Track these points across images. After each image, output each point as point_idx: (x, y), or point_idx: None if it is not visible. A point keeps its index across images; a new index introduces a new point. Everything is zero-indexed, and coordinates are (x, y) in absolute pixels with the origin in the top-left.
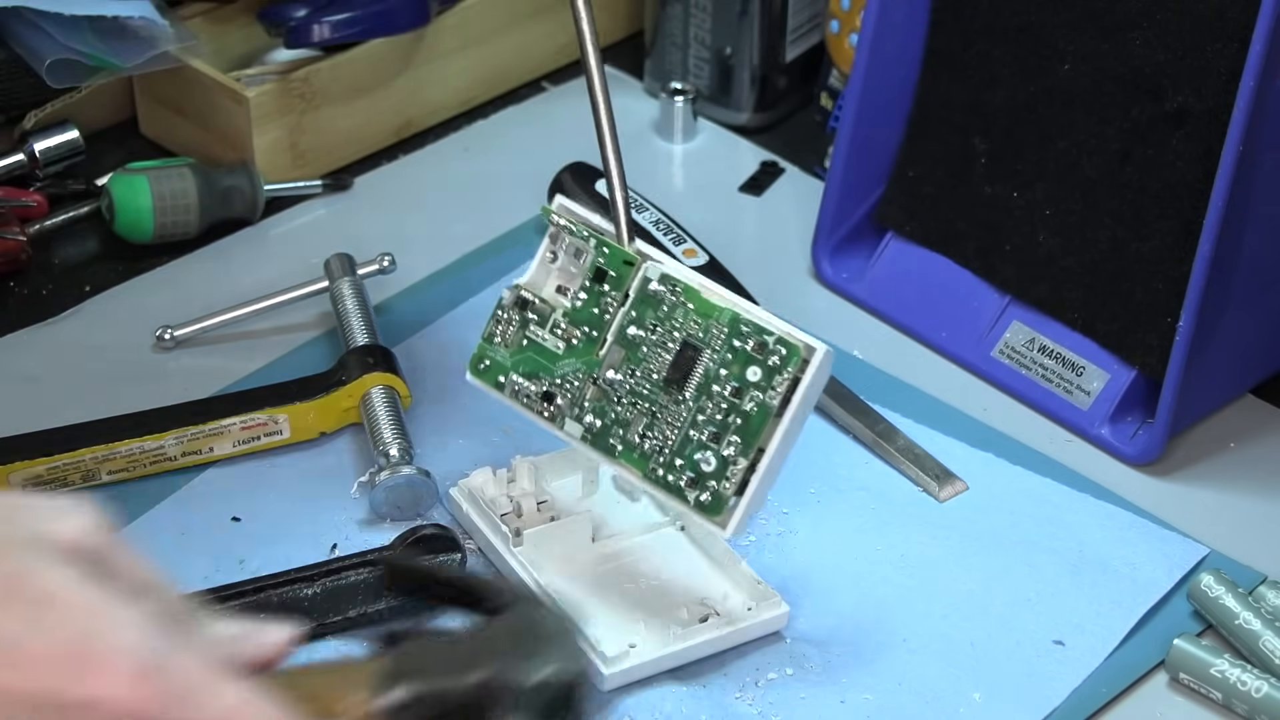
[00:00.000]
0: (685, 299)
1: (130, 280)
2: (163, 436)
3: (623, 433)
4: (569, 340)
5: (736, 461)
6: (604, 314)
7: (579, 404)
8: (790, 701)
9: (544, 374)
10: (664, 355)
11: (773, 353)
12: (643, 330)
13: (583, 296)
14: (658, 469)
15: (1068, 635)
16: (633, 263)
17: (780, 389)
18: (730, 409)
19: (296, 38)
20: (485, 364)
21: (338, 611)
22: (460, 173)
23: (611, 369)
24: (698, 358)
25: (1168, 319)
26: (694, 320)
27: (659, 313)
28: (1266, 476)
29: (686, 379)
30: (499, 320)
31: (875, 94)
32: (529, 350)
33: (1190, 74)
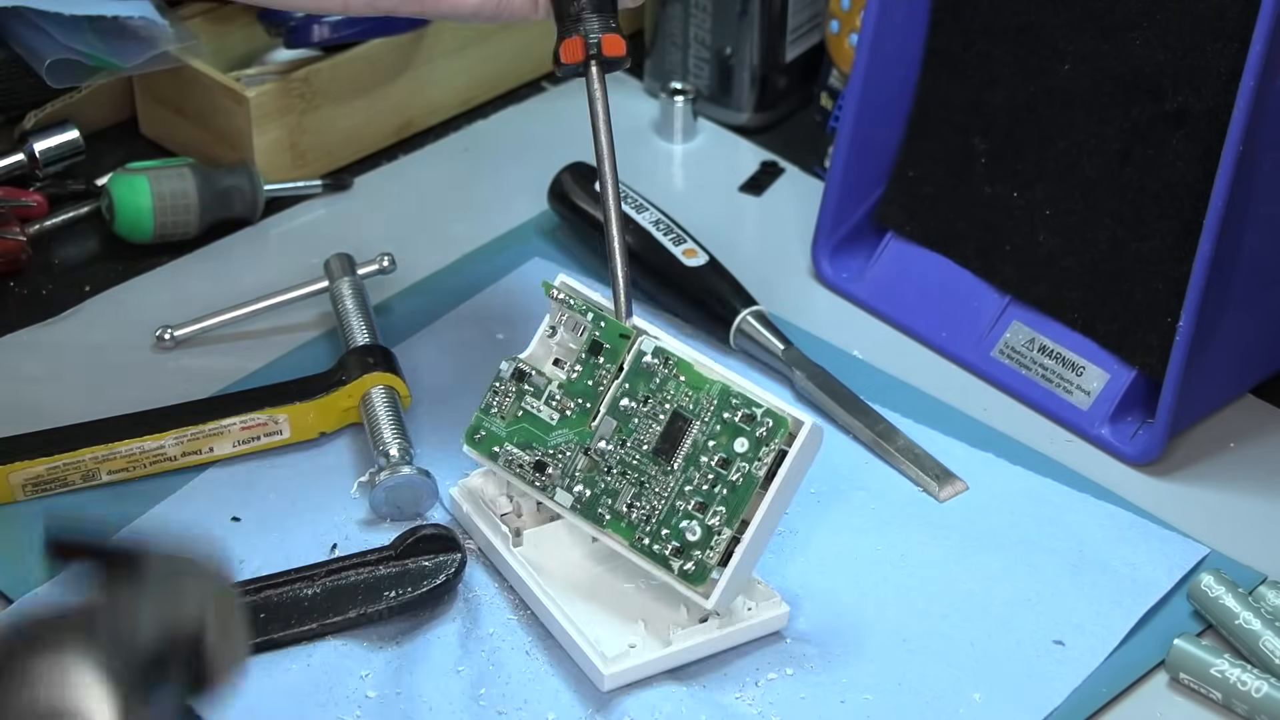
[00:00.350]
0: (677, 371)
1: (130, 280)
2: (163, 436)
3: (611, 502)
4: (563, 411)
5: (721, 532)
6: (598, 386)
7: (570, 474)
8: (790, 701)
9: (537, 445)
10: (655, 426)
11: (760, 424)
12: (634, 402)
13: (578, 369)
14: (644, 538)
15: (1068, 635)
16: (628, 336)
17: (767, 460)
18: (717, 479)
19: (296, 38)
20: (481, 434)
21: (338, 611)
22: (460, 173)
23: (603, 440)
24: (687, 428)
25: (1168, 319)
26: (685, 392)
27: (651, 385)
28: (1266, 476)
29: (675, 449)
30: (496, 392)
31: (875, 94)
32: (524, 421)
33: (1190, 74)
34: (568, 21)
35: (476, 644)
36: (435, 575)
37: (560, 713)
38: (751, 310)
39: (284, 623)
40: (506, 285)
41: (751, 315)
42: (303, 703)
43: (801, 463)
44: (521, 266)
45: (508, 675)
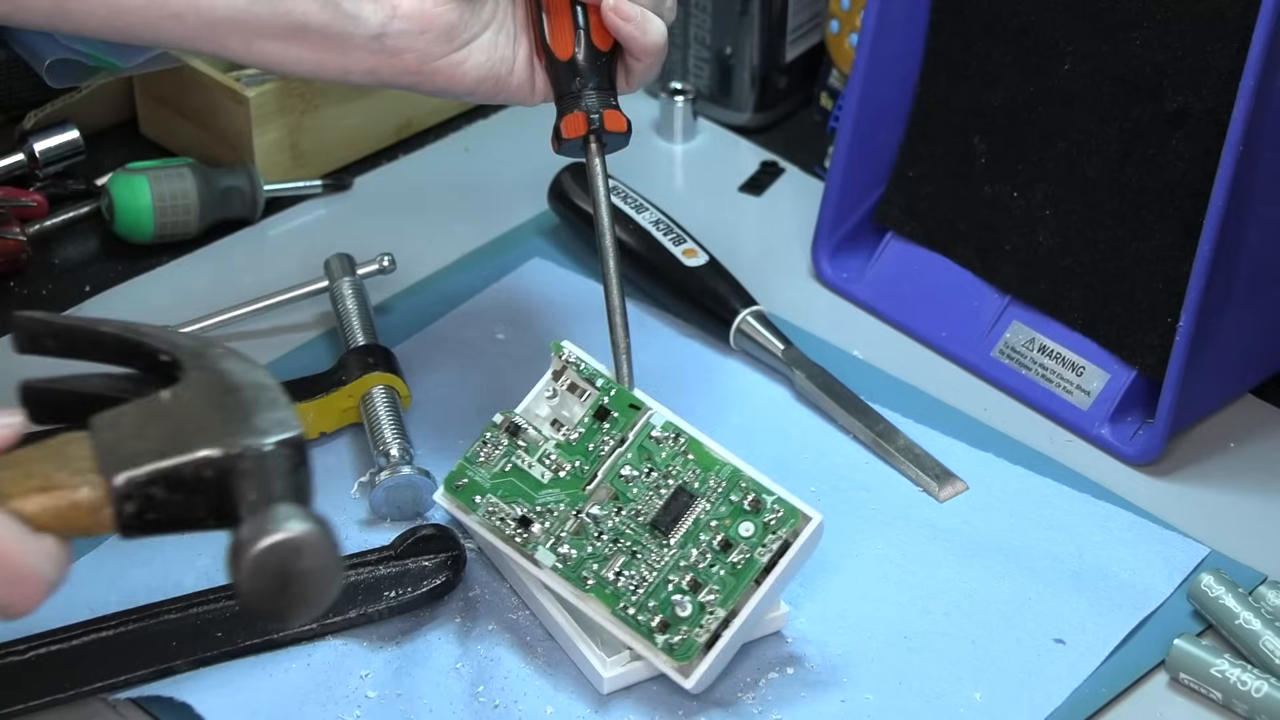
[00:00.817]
0: (687, 449)
1: (130, 280)
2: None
3: (597, 568)
4: (557, 471)
5: (714, 611)
6: (598, 451)
7: (556, 534)
8: (790, 701)
9: (525, 500)
10: (655, 499)
11: (769, 511)
12: (636, 472)
13: (580, 431)
14: (628, 608)
15: (1068, 635)
16: (638, 407)
17: (772, 547)
18: (715, 560)
19: None
20: (463, 482)
21: (338, 612)
22: (460, 173)
23: (597, 505)
24: (691, 505)
25: (1168, 319)
26: (693, 470)
27: (657, 459)
28: (1266, 476)
29: (675, 524)
30: (485, 442)
31: (875, 94)
32: (512, 475)
33: (1190, 74)
34: (568, 99)
35: (476, 644)
36: (435, 575)
37: (560, 711)
38: (751, 310)
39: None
40: (506, 285)
41: (751, 315)
42: (303, 703)
43: (802, 555)
44: (521, 266)
45: (507, 674)
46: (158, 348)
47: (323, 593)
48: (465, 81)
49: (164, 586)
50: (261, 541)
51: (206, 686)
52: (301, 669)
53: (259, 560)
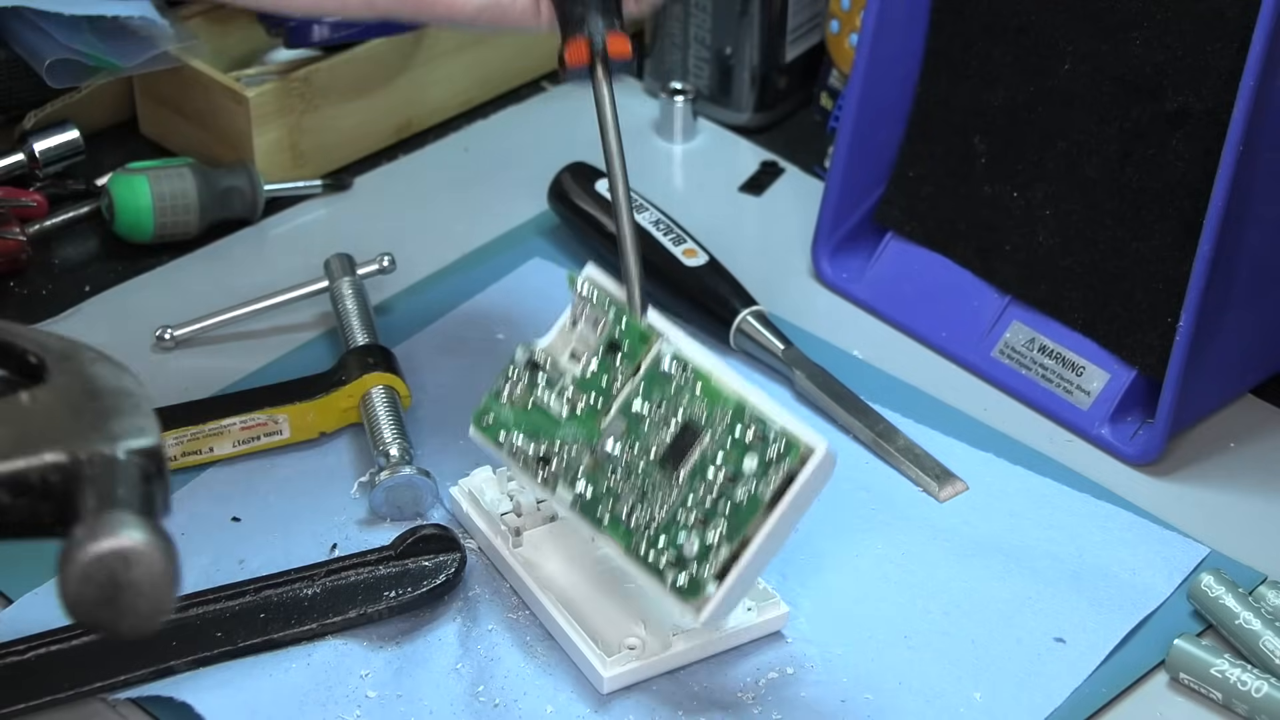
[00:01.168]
0: (694, 381)
1: (130, 280)
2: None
3: (611, 504)
4: (574, 407)
5: (719, 549)
6: (612, 385)
7: (573, 471)
8: (790, 701)
9: (544, 436)
10: (664, 434)
11: (772, 444)
12: (647, 406)
13: (594, 366)
14: (640, 545)
15: (1068, 635)
16: (648, 339)
17: (774, 482)
18: (721, 495)
19: (296, 38)
20: (489, 418)
21: (338, 611)
22: (460, 173)
23: (611, 439)
24: (696, 440)
25: (1168, 319)
26: (699, 403)
27: (666, 391)
28: (1266, 476)
29: (682, 460)
30: (509, 378)
31: (875, 94)
32: (533, 412)
33: (1190, 74)
34: (571, 24)
35: (476, 644)
36: (435, 575)
37: (560, 710)
38: (751, 310)
39: (284, 623)
40: (506, 285)
41: (751, 315)
42: (303, 703)
43: (811, 487)
44: (521, 266)
45: (507, 673)
46: (26, 348)
47: (153, 608)
48: (466, 10)
49: None
50: (89, 548)
51: (206, 686)
52: (301, 669)
53: (85, 568)
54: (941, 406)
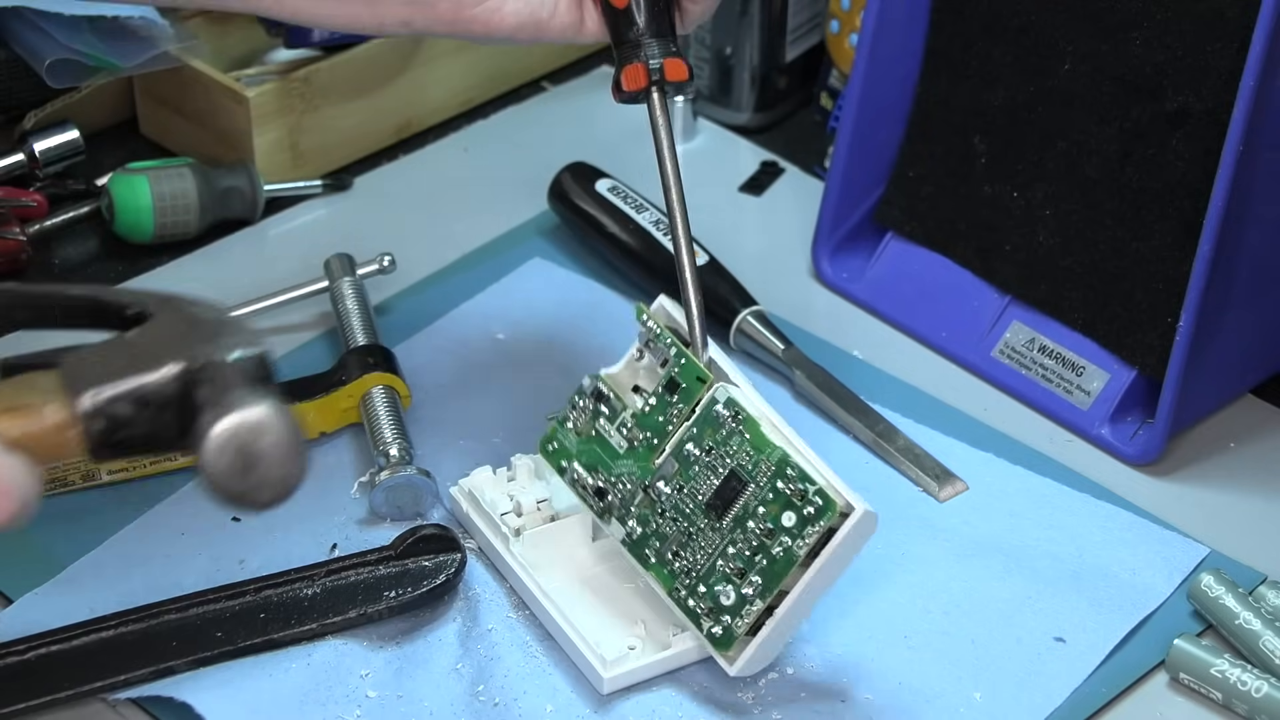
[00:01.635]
0: (743, 428)
1: (130, 280)
2: None
3: (659, 545)
4: (632, 442)
5: (754, 602)
6: (668, 424)
7: (627, 506)
8: (790, 701)
9: (602, 469)
10: (712, 479)
11: (809, 502)
12: (698, 449)
13: (653, 402)
14: (682, 590)
15: (1068, 635)
16: (705, 380)
17: (809, 540)
18: (759, 548)
19: (296, 38)
20: (554, 446)
21: (338, 611)
22: (460, 173)
23: (663, 480)
24: (742, 490)
25: (1168, 319)
26: (746, 450)
27: (716, 436)
28: (1266, 476)
29: (727, 508)
30: (574, 406)
31: (875, 94)
32: (594, 441)
33: (1190, 74)
34: (627, 48)
35: (476, 644)
36: (435, 575)
37: (559, 710)
38: (751, 310)
39: (284, 623)
40: (506, 285)
41: (751, 315)
42: (303, 703)
43: (848, 546)
44: (521, 266)
45: (507, 673)
46: (125, 302)
47: (286, 473)
48: (503, 27)
49: (164, 586)
50: (220, 424)
51: (206, 686)
52: (301, 669)
53: (220, 442)
54: (941, 406)
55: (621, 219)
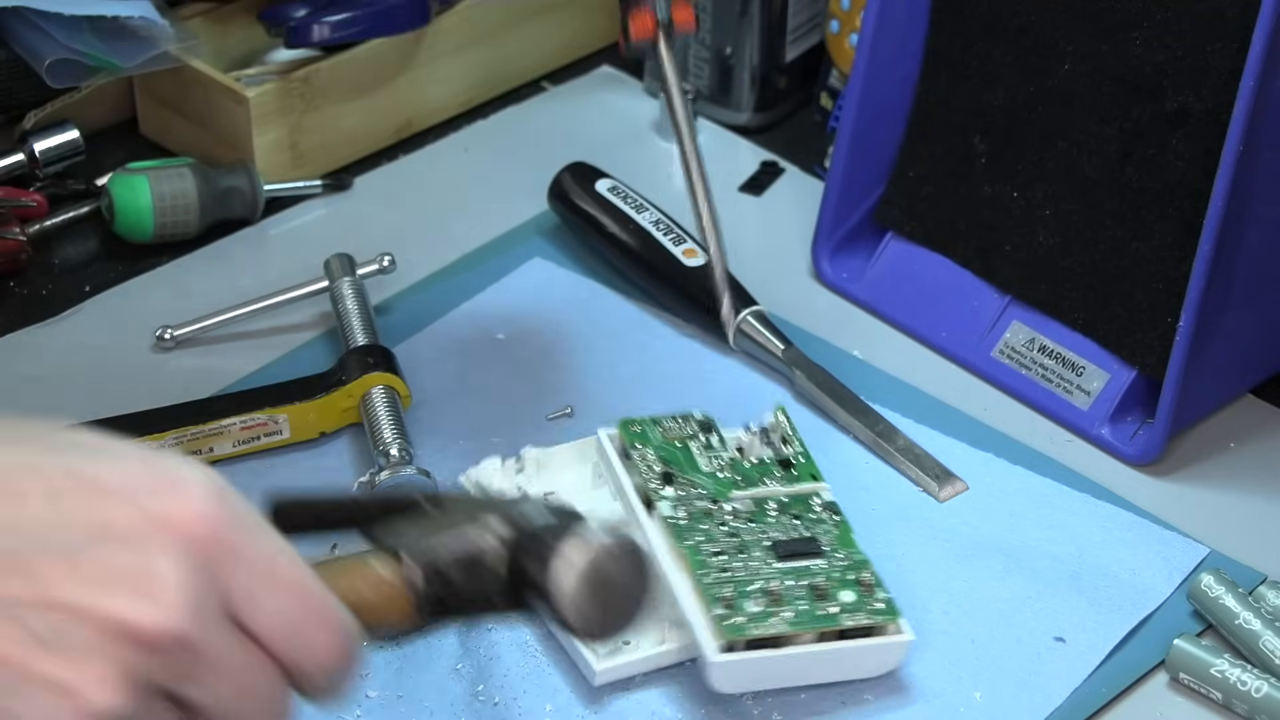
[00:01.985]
0: (837, 525)
1: (130, 280)
2: (163, 436)
3: (701, 541)
4: (718, 472)
5: (775, 625)
6: (761, 480)
7: (688, 502)
8: (790, 701)
9: (676, 468)
10: (789, 530)
11: (876, 598)
12: (778, 514)
13: (754, 460)
14: (707, 576)
15: (1068, 635)
16: (817, 479)
17: (857, 619)
18: (807, 598)
19: (296, 38)
20: (637, 429)
21: None
22: (460, 173)
23: (735, 506)
24: (815, 554)
25: (1168, 319)
26: (830, 538)
27: (806, 516)
28: (1266, 476)
29: (792, 557)
30: (677, 419)
31: (875, 94)
32: (680, 449)
33: (1190, 74)
34: None
35: (476, 644)
36: None
37: (559, 709)
38: (752, 310)
39: None
40: (506, 285)
41: (751, 315)
42: (303, 702)
43: (877, 658)
44: (521, 266)
45: (506, 672)
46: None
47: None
48: None
49: None
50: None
51: None
52: None
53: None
54: (941, 406)
55: (621, 219)
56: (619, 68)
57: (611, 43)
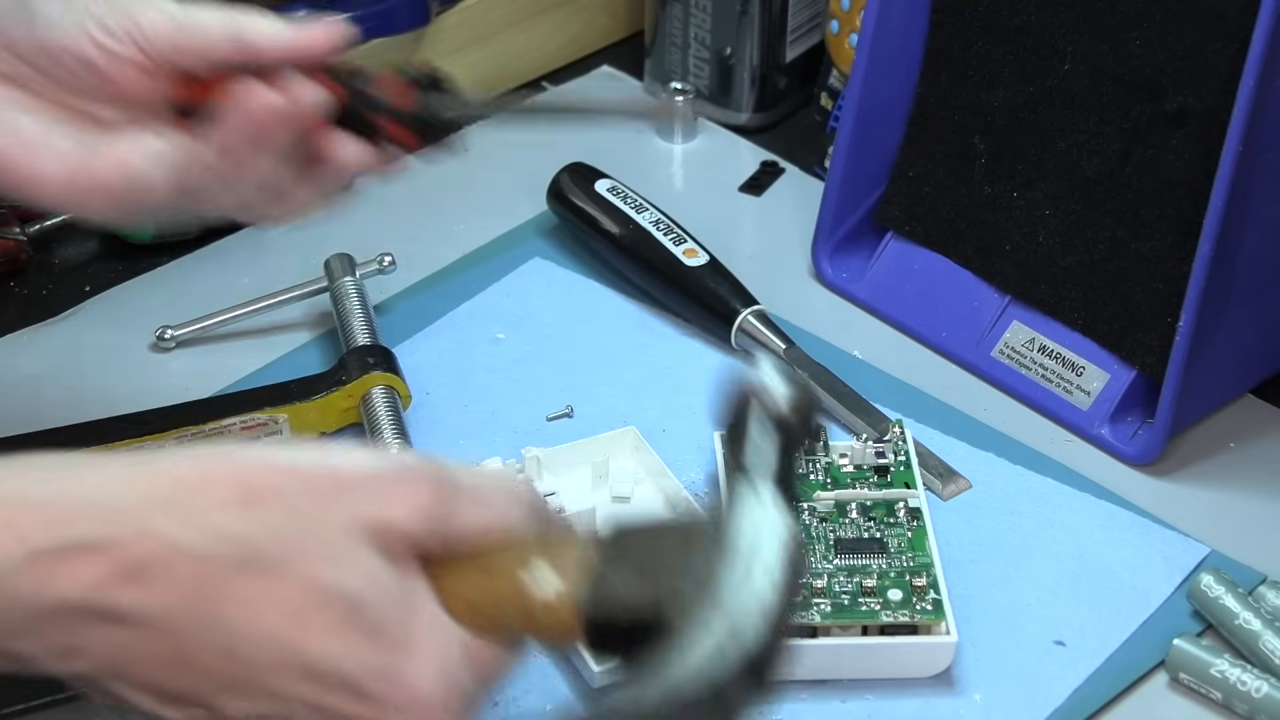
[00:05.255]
0: (912, 531)
1: (130, 280)
2: (163, 436)
3: None
4: (809, 475)
5: (812, 616)
6: (850, 486)
7: None
8: (790, 702)
9: None
10: (856, 530)
11: (925, 600)
12: (859, 515)
13: (855, 468)
14: None
15: (1068, 636)
16: (911, 486)
17: (898, 618)
18: (852, 594)
19: None
20: None
21: None
22: (460, 173)
23: (814, 506)
24: (874, 554)
25: (1168, 319)
26: (903, 539)
27: (886, 518)
28: (1266, 476)
29: (850, 554)
30: None
31: (875, 94)
32: None
33: (1190, 74)
34: None
35: None
36: None
37: (559, 710)
38: (753, 310)
39: None
40: (506, 285)
41: (752, 315)
42: None
43: (914, 658)
44: (521, 266)
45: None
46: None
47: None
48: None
49: None
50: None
51: None
52: None
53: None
54: (941, 406)
55: (621, 219)
56: (619, 68)
57: (611, 43)
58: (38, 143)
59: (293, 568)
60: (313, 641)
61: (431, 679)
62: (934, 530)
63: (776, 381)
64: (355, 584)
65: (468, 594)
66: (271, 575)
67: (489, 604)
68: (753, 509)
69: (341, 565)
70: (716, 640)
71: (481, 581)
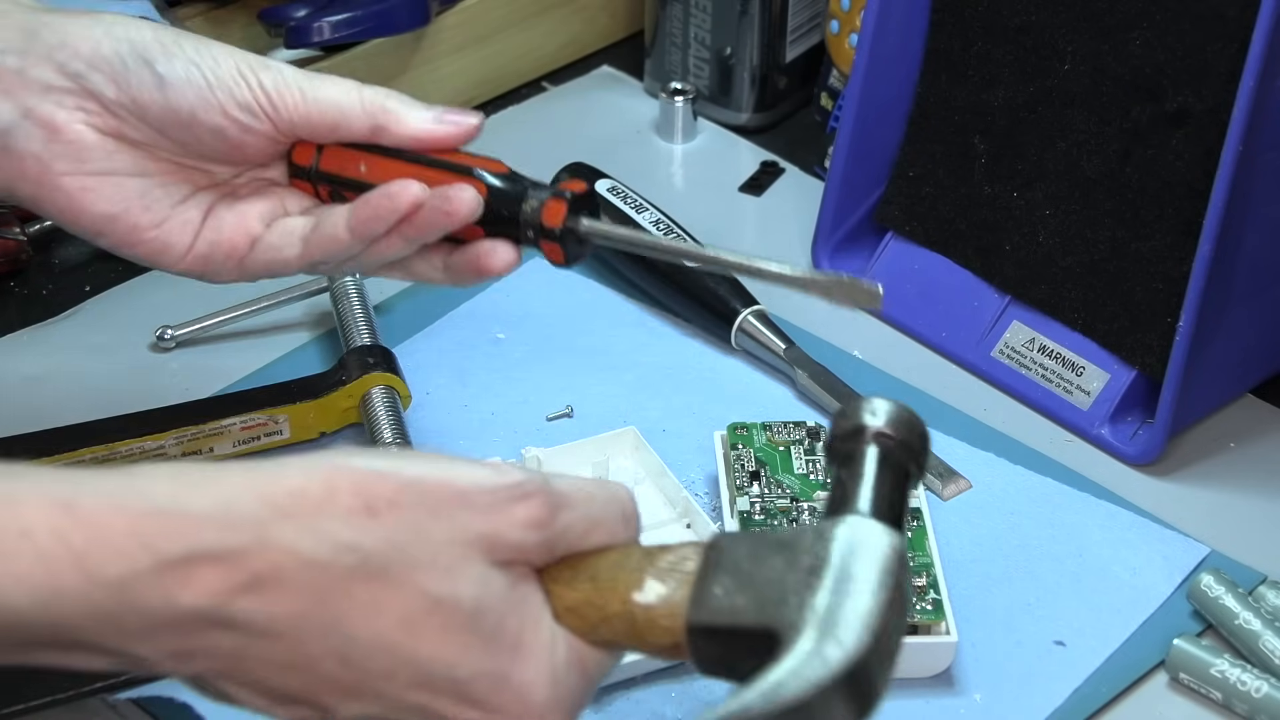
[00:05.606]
0: (910, 527)
1: (130, 280)
2: (163, 436)
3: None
4: (809, 475)
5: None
6: None
7: (766, 500)
8: None
9: (769, 467)
10: None
11: (926, 598)
12: None
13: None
14: None
15: (1068, 636)
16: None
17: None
18: None
19: (296, 38)
20: (743, 431)
21: None
22: None
23: (815, 506)
24: None
25: (1168, 319)
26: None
27: None
28: (1266, 476)
29: None
30: (787, 425)
31: (875, 94)
32: (778, 452)
33: (1190, 74)
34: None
35: None
36: None
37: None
38: (753, 310)
39: None
40: (506, 285)
41: (753, 315)
42: None
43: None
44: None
45: None
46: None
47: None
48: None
49: None
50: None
51: None
52: None
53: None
54: (941, 406)
55: (621, 219)
56: (619, 68)
57: (611, 43)
58: (166, 213)
59: (408, 577)
60: (426, 647)
61: (542, 684)
62: (934, 530)
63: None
64: (469, 592)
65: (574, 603)
66: (389, 584)
67: (595, 612)
68: (857, 524)
69: (455, 575)
70: (821, 652)
71: (588, 590)
